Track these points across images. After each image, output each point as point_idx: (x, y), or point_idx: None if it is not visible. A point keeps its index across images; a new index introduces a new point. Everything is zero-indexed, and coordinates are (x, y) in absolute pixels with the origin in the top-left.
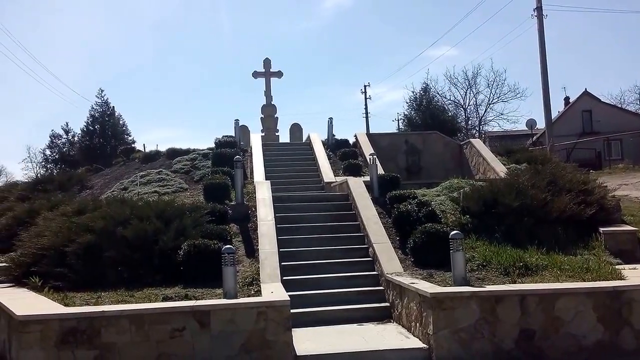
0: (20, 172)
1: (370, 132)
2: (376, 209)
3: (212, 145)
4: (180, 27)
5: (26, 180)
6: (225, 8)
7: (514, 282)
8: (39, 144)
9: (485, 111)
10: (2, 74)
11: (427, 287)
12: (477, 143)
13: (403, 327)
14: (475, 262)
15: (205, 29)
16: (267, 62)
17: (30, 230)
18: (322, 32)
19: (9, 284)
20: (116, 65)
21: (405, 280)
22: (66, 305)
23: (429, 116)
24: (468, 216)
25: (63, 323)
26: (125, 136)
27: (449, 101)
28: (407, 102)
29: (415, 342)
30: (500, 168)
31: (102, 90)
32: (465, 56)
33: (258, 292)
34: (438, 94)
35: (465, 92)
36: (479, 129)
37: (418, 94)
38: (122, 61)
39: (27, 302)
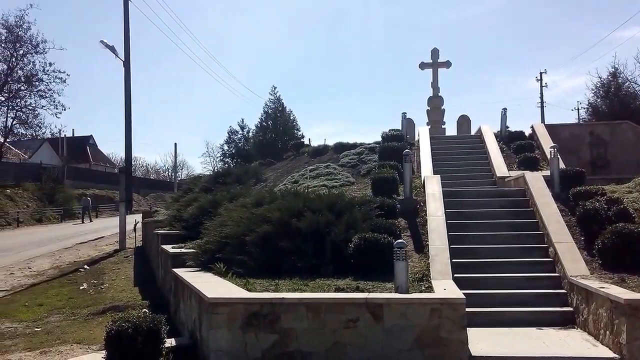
0: (200, 165)
1: (546, 122)
2: (557, 206)
3: (379, 139)
4: (345, 23)
5: (205, 173)
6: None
7: None
8: (216, 140)
9: None
10: (187, 76)
11: (620, 292)
12: None
13: (589, 334)
14: None
15: (370, 22)
16: (434, 52)
17: (214, 220)
18: (492, 17)
19: (196, 269)
20: (285, 64)
21: (593, 284)
22: (248, 290)
23: (618, 104)
24: None
25: (247, 307)
26: (295, 131)
27: None
28: (591, 90)
29: (603, 351)
30: None
31: (274, 88)
32: None
33: (429, 289)
34: (628, 79)
35: None
36: None
37: (605, 79)
38: (291, 59)
39: (214, 286)
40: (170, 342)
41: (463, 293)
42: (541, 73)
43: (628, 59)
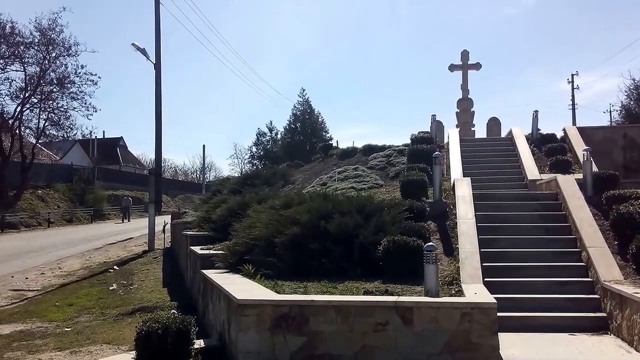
0: (228, 167)
1: (578, 125)
2: (590, 210)
3: (407, 141)
4: (374, 25)
5: (233, 175)
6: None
7: None
8: (244, 142)
9: None
10: (216, 78)
11: None
12: None
13: (623, 340)
14: None
15: (399, 24)
16: (464, 54)
17: (242, 222)
18: (522, 19)
19: (225, 270)
20: (314, 66)
21: (627, 289)
22: (277, 292)
23: None
24: None
25: (276, 309)
26: (323, 133)
27: None
28: (624, 92)
29: (638, 358)
30: None
31: (303, 90)
32: None
33: (459, 292)
34: None
35: None
36: None
37: (638, 81)
38: (319, 61)
39: (243, 288)
40: (199, 343)
41: (494, 297)
42: (573, 75)
43: None
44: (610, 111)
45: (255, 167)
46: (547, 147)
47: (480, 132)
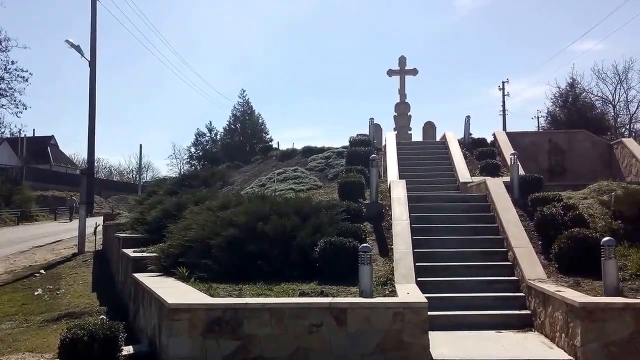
0: (166, 168)
1: (508, 130)
2: (516, 211)
3: (346, 143)
4: (315, 28)
5: (171, 176)
6: (359, 7)
7: None
8: (183, 142)
9: (637, 108)
10: (156, 78)
11: (576, 296)
12: (630, 143)
13: (546, 337)
14: (628, 271)
15: (340, 28)
16: (402, 60)
17: (178, 223)
18: (457, 29)
19: (158, 273)
20: (256, 68)
21: (550, 287)
22: (211, 295)
23: (575, 113)
24: (620, 221)
25: (209, 313)
26: (263, 134)
27: (597, 97)
28: (550, 99)
29: (559, 354)
30: None
31: (243, 91)
32: (615, 50)
33: (392, 293)
34: (585, 89)
35: (615, 88)
36: (630, 127)
37: (563, 90)
38: (262, 64)
39: (175, 291)
40: (127, 349)
41: (426, 296)
42: (503, 82)
43: (585, 70)
44: (538, 117)
45: (193, 167)
46: (478, 151)
47: (417, 135)
